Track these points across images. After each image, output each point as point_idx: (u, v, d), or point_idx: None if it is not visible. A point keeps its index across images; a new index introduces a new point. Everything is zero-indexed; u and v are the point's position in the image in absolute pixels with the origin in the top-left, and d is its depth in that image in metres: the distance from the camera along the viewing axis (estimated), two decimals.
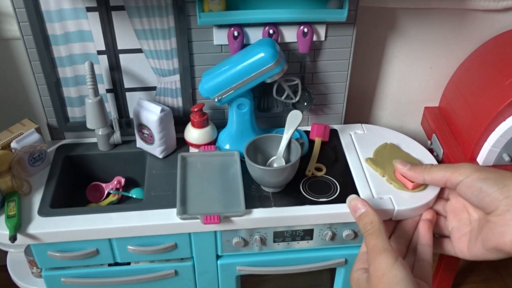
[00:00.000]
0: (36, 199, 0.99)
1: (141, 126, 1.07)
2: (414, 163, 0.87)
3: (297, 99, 1.08)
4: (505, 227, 0.64)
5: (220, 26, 1.03)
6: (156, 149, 1.08)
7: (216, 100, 1.02)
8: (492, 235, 0.67)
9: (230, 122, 1.08)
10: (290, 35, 1.05)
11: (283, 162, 1.00)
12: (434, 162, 1.08)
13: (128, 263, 1.04)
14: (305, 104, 1.12)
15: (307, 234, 1.02)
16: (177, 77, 1.10)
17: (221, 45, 1.06)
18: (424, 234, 0.83)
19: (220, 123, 1.14)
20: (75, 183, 1.14)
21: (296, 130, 1.02)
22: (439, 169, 0.77)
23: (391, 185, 1.01)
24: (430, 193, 0.98)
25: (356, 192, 1.00)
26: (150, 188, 1.02)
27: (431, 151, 1.13)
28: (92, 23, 1.01)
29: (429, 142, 1.26)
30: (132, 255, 1.00)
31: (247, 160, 0.96)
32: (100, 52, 1.05)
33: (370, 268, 0.70)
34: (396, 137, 1.14)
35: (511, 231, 0.64)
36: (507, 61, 1.07)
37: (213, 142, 1.11)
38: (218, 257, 1.05)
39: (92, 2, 0.98)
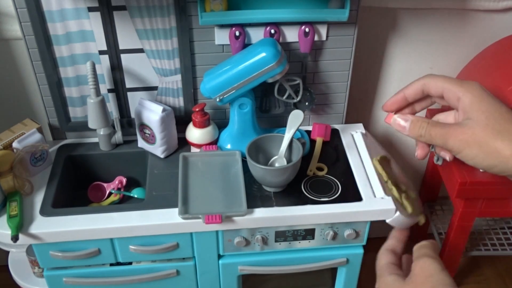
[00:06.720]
0: (38, 199, 0.99)
1: (143, 126, 1.07)
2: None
3: (298, 98, 1.08)
4: None
5: (222, 26, 1.03)
6: (157, 149, 1.08)
7: (217, 100, 1.02)
8: None
9: (232, 122, 1.08)
10: (291, 35, 1.06)
11: (284, 162, 1.00)
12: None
13: (130, 263, 1.04)
14: (307, 103, 1.12)
15: (309, 233, 1.02)
16: (178, 77, 1.10)
17: (223, 45, 1.06)
18: None
19: (221, 123, 1.14)
20: (77, 183, 1.14)
21: (298, 130, 1.02)
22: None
23: (391, 188, 1.01)
24: (418, 218, 0.99)
25: (357, 191, 1.00)
26: (152, 188, 1.02)
27: (431, 154, 1.13)
28: (94, 23, 1.01)
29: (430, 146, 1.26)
30: (134, 255, 1.00)
31: (248, 160, 0.96)
32: (101, 52, 1.05)
33: (415, 268, 0.72)
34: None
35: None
36: (510, 66, 1.07)
37: (215, 142, 1.12)
38: (219, 256, 1.05)
39: (94, 2, 0.98)
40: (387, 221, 0.97)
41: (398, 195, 0.99)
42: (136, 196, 1.13)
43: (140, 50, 1.06)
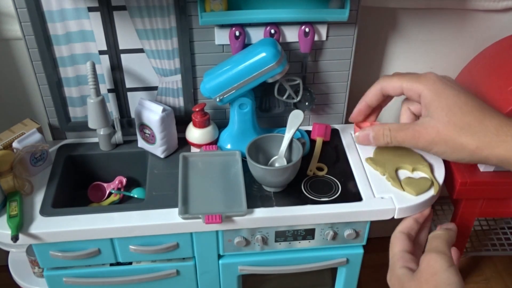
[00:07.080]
0: (38, 199, 0.99)
1: (143, 126, 1.07)
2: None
3: (298, 98, 1.08)
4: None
5: (222, 26, 1.03)
6: (157, 149, 1.08)
7: (217, 100, 1.02)
8: None
9: (232, 122, 1.08)
10: (291, 35, 1.06)
11: (284, 162, 1.00)
12: (439, 159, 1.08)
13: (130, 263, 1.04)
14: (307, 103, 1.12)
15: (309, 233, 1.02)
16: (178, 77, 1.10)
17: (223, 45, 1.06)
18: None
19: (221, 123, 1.14)
20: (77, 183, 1.14)
21: (298, 130, 1.02)
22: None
23: (389, 183, 1.01)
24: (430, 192, 0.99)
25: (358, 191, 1.00)
26: (152, 188, 1.02)
27: None
28: (94, 23, 1.01)
29: None
30: (134, 255, 1.00)
31: (248, 160, 0.96)
32: (101, 52, 1.05)
33: (422, 264, 0.71)
34: None
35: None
36: (510, 66, 1.07)
37: (215, 142, 1.12)
38: (219, 256, 1.05)
39: (94, 2, 0.98)
40: (395, 217, 0.98)
41: (398, 185, 1.00)
42: (136, 196, 1.13)
43: (140, 50, 1.06)
